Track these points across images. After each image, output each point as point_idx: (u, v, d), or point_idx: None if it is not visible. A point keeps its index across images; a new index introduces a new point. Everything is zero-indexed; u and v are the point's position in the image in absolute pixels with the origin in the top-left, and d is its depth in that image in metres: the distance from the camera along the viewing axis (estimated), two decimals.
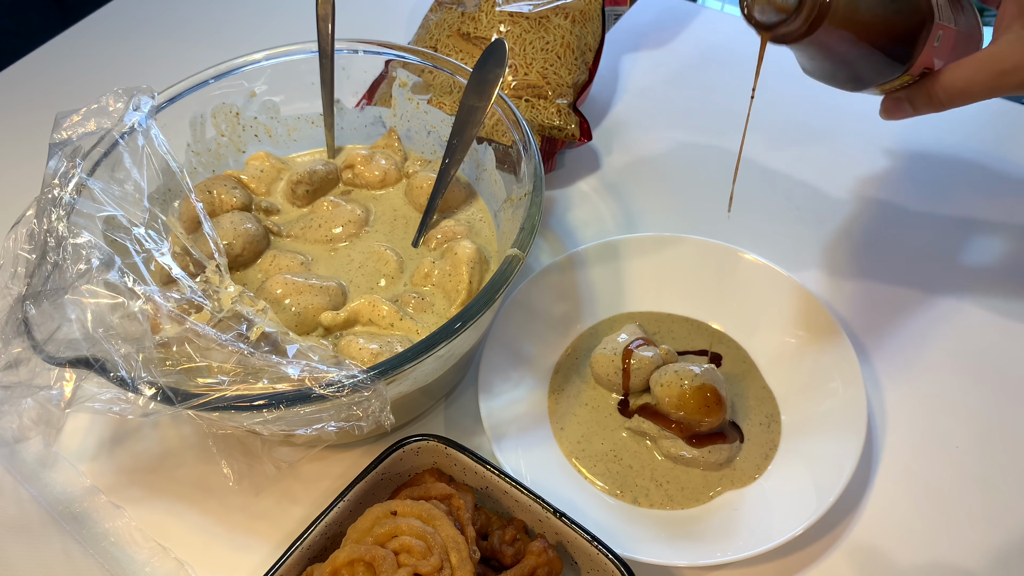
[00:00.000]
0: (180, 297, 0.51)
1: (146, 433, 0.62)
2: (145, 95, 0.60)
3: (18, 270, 0.50)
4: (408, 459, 0.51)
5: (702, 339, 0.64)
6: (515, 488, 0.49)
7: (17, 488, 0.58)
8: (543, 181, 0.56)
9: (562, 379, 0.62)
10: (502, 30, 0.75)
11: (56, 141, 0.56)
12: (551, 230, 0.74)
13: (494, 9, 0.75)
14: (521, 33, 0.75)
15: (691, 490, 0.56)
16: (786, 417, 0.59)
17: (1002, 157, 0.77)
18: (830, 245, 0.71)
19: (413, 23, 0.92)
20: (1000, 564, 0.53)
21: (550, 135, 0.74)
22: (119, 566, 0.54)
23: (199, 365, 0.48)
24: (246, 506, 0.58)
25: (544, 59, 0.74)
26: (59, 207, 0.52)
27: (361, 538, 0.45)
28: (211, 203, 0.64)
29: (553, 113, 0.73)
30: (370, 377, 0.45)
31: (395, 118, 0.71)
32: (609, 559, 0.46)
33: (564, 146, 0.76)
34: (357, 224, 0.64)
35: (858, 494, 0.56)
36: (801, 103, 0.84)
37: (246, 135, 0.70)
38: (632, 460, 0.58)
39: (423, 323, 0.57)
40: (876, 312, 0.66)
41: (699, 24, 0.95)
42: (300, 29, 0.77)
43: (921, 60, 0.49)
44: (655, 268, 0.66)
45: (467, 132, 0.60)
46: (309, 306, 0.57)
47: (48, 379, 0.48)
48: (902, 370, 0.62)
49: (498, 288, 0.50)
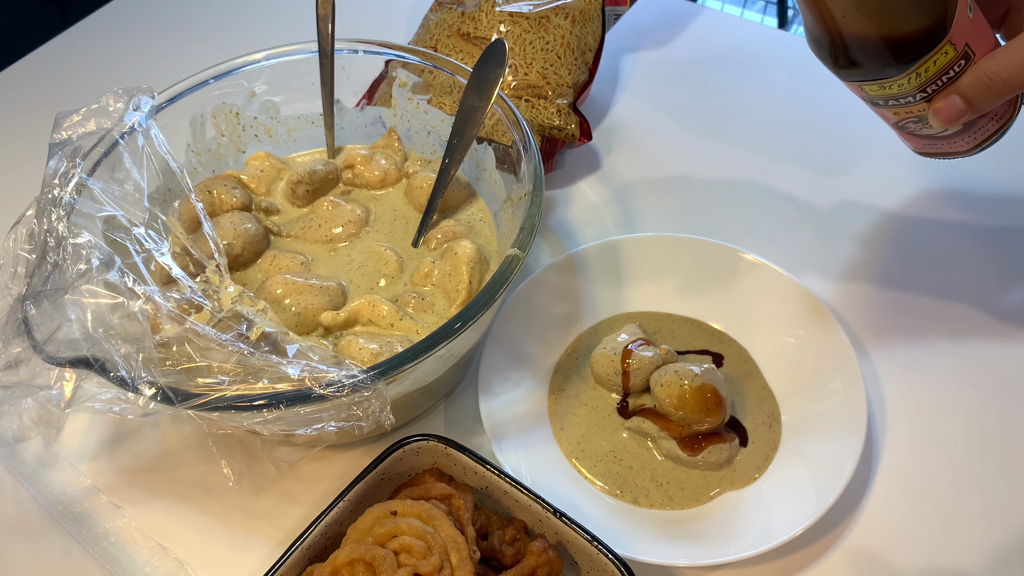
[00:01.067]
0: (180, 297, 0.51)
1: (146, 433, 0.62)
2: (145, 95, 0.60)
3: (18, 270, 0.50)
4: (408, 459, 0.51)
5: (702, 339, 0.64)
6: (515, 488, 0.49)
7: (17, 488, 0.58)
8: (543, 181, 0.56)
9: (562, 379, 0.62)
10: (502, 30, 0.75)
11: (56, 141, 0.56)
12: (551, 230, 0.74)
13: (494, 9, 0.75)
14: (521, 33, 0.75)
15: (691, 490, 0.56)
16: (786, 417, 0.59)
17: (1002, 157, 0.77)
18: (830, 245, 0.71)
19: (413, 23, 0.92)
20: (1000, 564, 0.53)
21: (550, 135, 0.74)
22: (119, 566, 0.54)
23: (199, 365, 0.48)
24: (246, 506, 0.58)
25: (544, 59, 0.74)
26: (59, 207, 0.52)
27: (361, 538, 0.45)
28: (211, 203, 0.64)
29: (553, 113, 0.73)
30: (370, 377, 0.45)
31: (395, 118, 0.71)
32: (609, 559, 0.46)
33: (564, 146, 0.76)
34: (357, 224, 0.64)
35: (858, 494, 0.56)
36: (801, 103, 0.84)
37: (246, 135, 0.70)
38: (632, 461, 0.58)
39: (423, 323, 0.57)
40: (876, 312, 0.66)
41: (699, 24, 0.95)
42: (300, 29, 0.77)
43: (960, 26, 0.45)
44: (655, 268, 0.66)
45: (467, 132, 0.60)
46: (309, 306, 0.57)
47: (48, 379, 0.48)
48: (902, 370, 0.62)
49: (498, 288, 0.50)
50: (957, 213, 0.73)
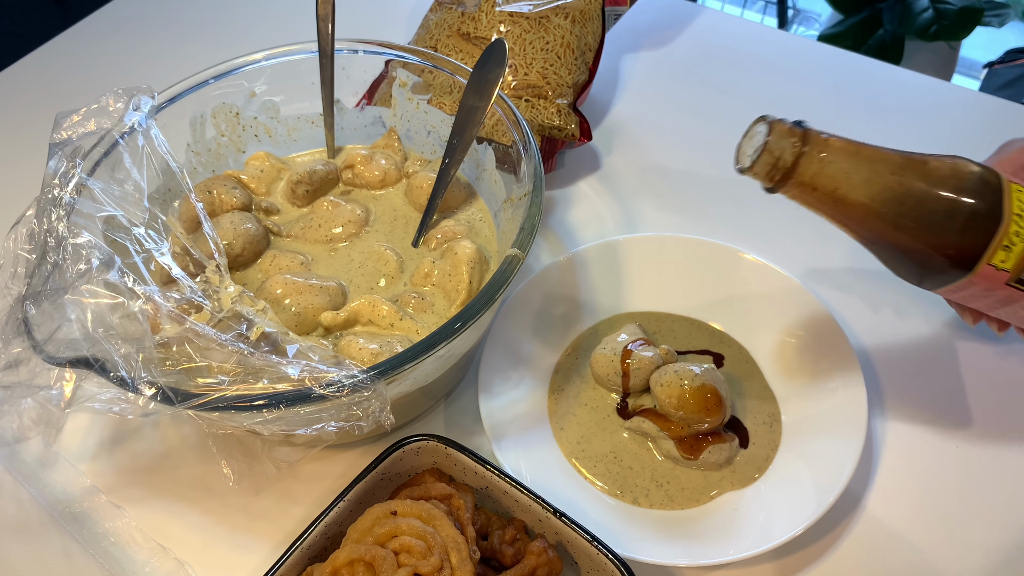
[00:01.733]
0: (180, 297, 0.51)
1: (146, 433, 0.62)
2: (145, 95, 0.60)
3: (18, 270, 0.50)
4: (408, 459, 0.51)
5: (703, 339, 0.64)
6: (515, 488, 0.49)
7: (17, 488, 0.58)
8: (543, 181, 0.56)
9: (562, 379, 0.62)
10: (502, 30, 0.75)
11: (56, 141, 0.56)
12: (551, 230, 0.74)
13: (494, 9, 0.75)
14: (521, 33, 0.75)
15: (691, 491, 0.56)
16: (786, 417, 0.59)
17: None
18: (830, 245, 0.71)
19: (413, 23, 0.92)
20: (1000, 564, 0.53)
21: (550, 135, 0.74)
22: (119, 566, 0.54)
23: (199, 365, 0.48)
24: (246, 506, 0.58)
25: (544, 59, 0.74)
26: (59, 207, 0.52)
27: (361, 538, 0.45)
28: (211, 203, 0.64)
29: (553, 113, 0.73)
30: (370, 377, 0.45)
31: (395, 118, 0.71)
32: (609, 559, 0.46)
33: (564, 146, 0.76)
34: (357, 224, 0.64)
35: (858, 494, 0.56)
36: (801, 103, 0.84)
37: (246, 135, 0.70)
38: (632, 461, 0.58)
39: (423, 323, 0.57)
40: (876, 312, 0.66)
41: (699, 24, 0.95)
42: (300, 29, 0.77)
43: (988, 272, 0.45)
44: (655, 268, 0.66)
45: (467, 132, 0.60)
46: (309, 306, 0.57)
47: (48, 379, 0.48)
48: (902, 370, 0.62)
49: (498, 288, 0.50)
50: None
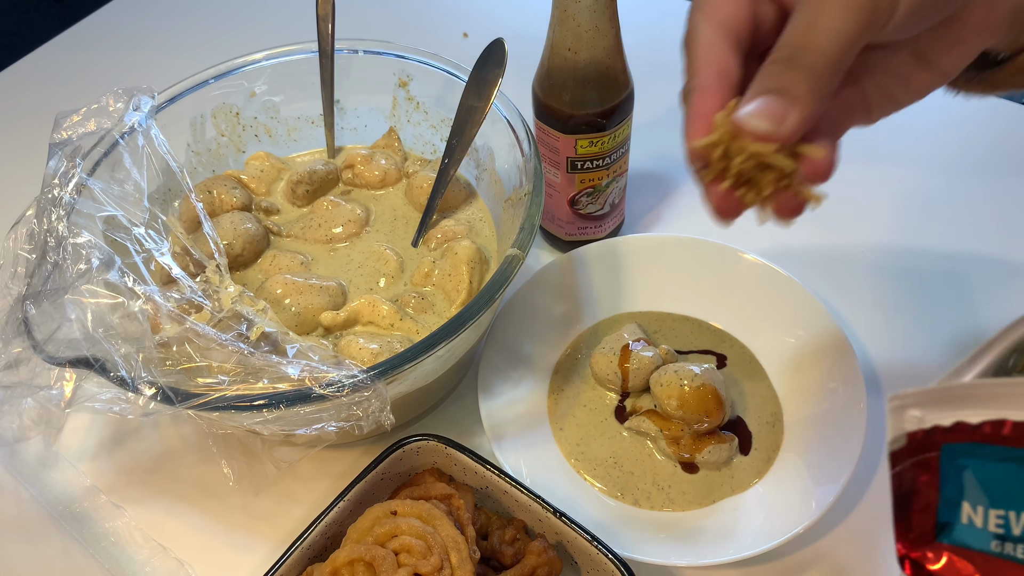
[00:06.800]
0: (180, 297, 0.51)
1: (146, 433, 0.62)
2: (145, 95, 0.60)
3: (18, 270, 0.50)
4: (408, 459, 0.51)
5: (705, 339, 0.64)
6: (515, 488, 0.49)
7: (17, 488, 0.58)
8: (543, 181, 0.56)
9: (562, 379, 0.62)
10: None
11: (56, 141, 0.56)
12: None
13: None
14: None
15: (693, 494, 0.56)
16: (787, 417, 0.59)
17: (1002, 157, 0.77)
18: (830, 245, 0.71)
19: (413, 23, 0.92)
20: None
21: None
22: (119, 566, 0.54)
23: (199, 365, 0.48)
24: (246, 506, 0.58)
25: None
26: (59, 207, 0.52)
27: (361, 538, 0.45)
28: (211, 203, 0.64)
29: None
30: (370, 377, 0.45)
31: (395, 118, 0.71)
32: (609, 559, 0.46)
33: None
34: (357, 224, 0.64)
35: (858, 494, 0.56)
36: None
37: (246, 135, 0.70)
38: (633, 466, 0.57)
39: (423, 323, 0.57)
40: (876, 312, 0.66)
41: None
42: (300, 29, 0.77)
43: None
44: (655, 268, 0.66)
45: (467, 132, 0.60)
46: (309, 306, 0.57)
47: (48, 379, 0.48)
48: (902, 370, 0.62)
49: (498, 288, 0.50)
50: (957, 212, 0.73)
